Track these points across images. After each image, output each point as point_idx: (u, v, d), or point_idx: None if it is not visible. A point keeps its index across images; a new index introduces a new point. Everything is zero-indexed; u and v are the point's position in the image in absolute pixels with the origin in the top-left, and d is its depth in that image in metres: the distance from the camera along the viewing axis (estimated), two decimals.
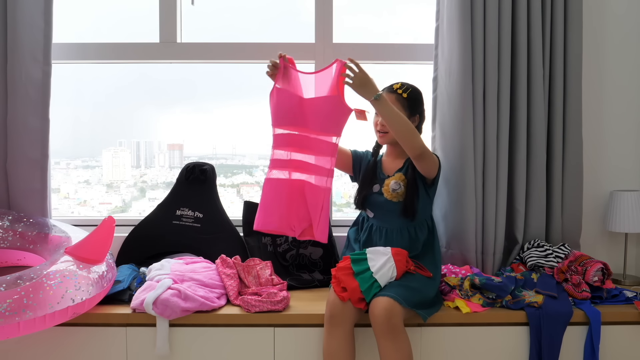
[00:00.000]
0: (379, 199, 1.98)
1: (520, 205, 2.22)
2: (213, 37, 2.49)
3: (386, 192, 1.96)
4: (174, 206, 2.29)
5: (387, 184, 1.97)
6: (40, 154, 2.22)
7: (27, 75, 2.18)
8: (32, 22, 2.18)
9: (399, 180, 1.95)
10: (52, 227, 2.12)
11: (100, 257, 1.88)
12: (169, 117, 2.70)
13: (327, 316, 1.75)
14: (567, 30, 2.20)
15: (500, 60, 2.18)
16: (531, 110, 2.21)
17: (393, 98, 1.93)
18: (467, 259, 2.21)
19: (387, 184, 1.96)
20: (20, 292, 1.58)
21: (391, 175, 1.99)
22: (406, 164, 2.00)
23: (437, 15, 2.27)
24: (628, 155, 2.41)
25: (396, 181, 1.96)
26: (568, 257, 2.13)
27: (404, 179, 1.96)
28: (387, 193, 1.96)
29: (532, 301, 1.90)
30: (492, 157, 2.19)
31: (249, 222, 2.28)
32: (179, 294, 1.83)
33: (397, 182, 1.95)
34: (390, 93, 1.95)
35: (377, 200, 1.99)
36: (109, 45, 2.43)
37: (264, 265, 2.08)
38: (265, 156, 2.77)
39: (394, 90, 1.96)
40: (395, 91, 1.95)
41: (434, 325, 1.87)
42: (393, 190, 1.95)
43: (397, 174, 1.98)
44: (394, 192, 1.95)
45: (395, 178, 1.97)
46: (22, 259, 2.09)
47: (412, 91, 1.97)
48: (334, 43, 2.42)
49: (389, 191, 1.95)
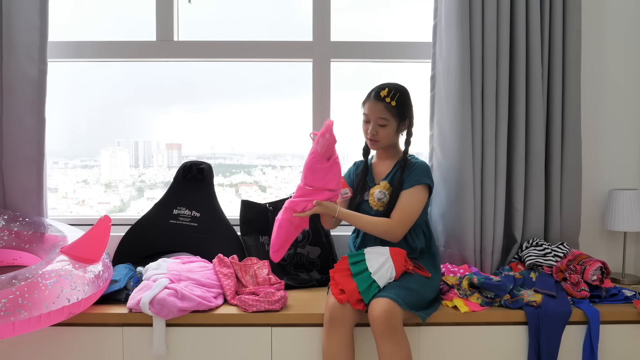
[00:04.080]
0: (369, 210, 1.96)
1: (519, 204, 2.21)
2: (210, 35, 2.47)
3: (372, 201, 1.95)
4: (171, 205, 2.28)
5: (372, 193, 1.95)
6: (37, 153, 2.21)
7: (23, 73, 2.17)
8: (27, 19, 2.17)
9: (383, 189, 1.93)
10: (48, 226, 2.11)
11: (96, 256, 1.86)
12: (167, 116, 2.69)
13: (327, 318, 1.74)
14: (565, 27, 2.19)
15: (498, 58, 2.17)
16: (530, 109, 2.20)
17: (381, 107, 1.89)
18: (465, 258, 2.20)
19: (372, 193, 1.95)
20: (16, 291, 1.57)
21: (377, 184, 1.98)
22: (394, 169, 1.97)
23: (435, 12, 2.26)
24: (627, 154, 2.40)
25: (381, 190, 1.94)
26: (567, 256, 2.12)
27: (389, 188, 1.94)
28: (373, 202, 1.94)
29: (530, 300, 1.89)
30: (490, 156, 2.18)
31: (246, 221, 2.27)
32: (176, 294, 1.82)
33: (382, 191, 1.93)
34: (378, 102, 1.89)
35: (367, 210, 1.97)
36: (105, 44, 2.42)
37: (262, 264, 2.06)
38: (264, 155, 2.78)
39: (381, 98, 1.89)
40: (382, 99, 1.89)
41: (432, 324, 1.86)
42: (378, 200, 1.93)
43: (382, 182, 1.96)
44: (379, 201, 1.93)
45: (380, 187, 1.95)
46: (17, 258, 2.07)
47: (399, 96, 1.90)
48: (332, 41, 2.41)
49: (374, 200, 1.94)
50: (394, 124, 1.91)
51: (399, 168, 1.94)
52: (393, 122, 1.91)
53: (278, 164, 2.79)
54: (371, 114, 1.92)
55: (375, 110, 1.90)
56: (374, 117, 1.91)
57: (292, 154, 2.76)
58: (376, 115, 1.90)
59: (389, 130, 1.91)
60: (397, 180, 1.92)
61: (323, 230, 2.26)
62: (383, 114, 1.89)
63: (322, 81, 2.42)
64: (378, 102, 1.90)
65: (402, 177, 1.92)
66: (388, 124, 1.90)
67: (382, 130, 1.91)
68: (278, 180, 2.78)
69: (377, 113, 1.90)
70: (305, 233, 2.26)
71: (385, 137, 1.92)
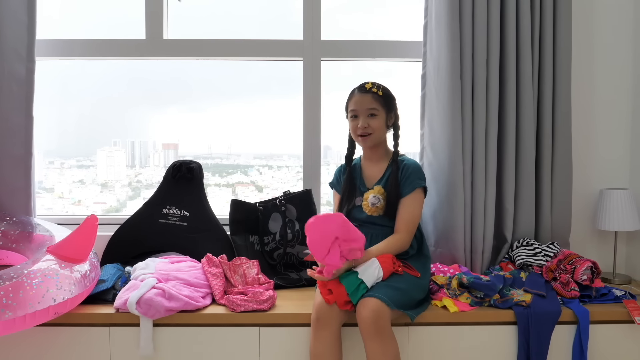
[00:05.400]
0: (361, 215, 1.96)
1: (510, 204, 2.21)
2: (202, 34, 2.46)
3: (366, 207, 1.94)
4: (161, 204, 2.26)
5: (365, 198, 1.95)
6: (24, 151, 2.19)
7: (10, 71, 2.15)
8: (15, 17, 2.15)
9: (377, 194, 1.93)
10: (36, 225, 2.09)
11: (83, 256, 1.85)
12: (163, 116, 2.68)
13: (314, 318, 1.73)
14: (556, 26, 2.19)
15: (488, 57, 2.16)
16: (520, 108, 2.19)
17: (369, 98, 1.91)
18: (455, 258, 2.19)
19: (366, 198, 1.94)
20: (0, 291, 1.55)
21: (370, 188, 1.97)
22: (387, 172, 1.97)
23: (426, 12, 2.25)
24: (618, 153, 2.40)
25: (375, 195, 1.93)
26: (557, 255, 2.11)
27: (383, 192, 1.93)
28: (367, 208, 1.94)
29: (520, 300, 1.89)
30: (480, 155, 2.17)
31: (235, 220, 2.26)
32: (163, 294, 1.81)
33: (376, 196, 1.93)
34: (365, 93, 1.92)
35: (360, 216, 1.96)
36: (94, 42, 2.40)
37: (251, 264, 2.05)
38: (261, 155, 2.76)
39: (368, 90, 1.92)
40: (369, 90, 1.92)
41: (421, 324, 1.85)
42: (372, 205, 1.93)
43: (375, 186, 1.96)
44: (373, 206, 1.93)
45: (374, 192, 1.94)
46: (4, 258, 2.05)
47: (383, 88, 1.95)
48: (322, 40, 2.40)
49: (368, 206, 1.94)
50: (383, 114, 1.92)
51: (392, 170, 1.93)
52: (382, 112, 1.91)
53: (275, 164, 2.78)
54: (359, 107, 1.92)
55: (364, 102, 1.91)
56: (362, 109, 1.91)
57: (288, 154, 2.75)
58: (365, 106, 1.91)
59: (380, 120, 1.92)
60: (392, 184, 1.91)
61: None
62: (372, 104, 1.90)
63: (313, 80, 2.41)
64: (365, 94, 1.92)
65: (396, 180, 1.91)
66: (378, 114, 1.91)
67: (373, 121, 1.91)
68: (275, 180, 2.77)
69: (366, 104, 1.91)
70: (295, 233, 2.25)
71: (377, 129, 1.92)
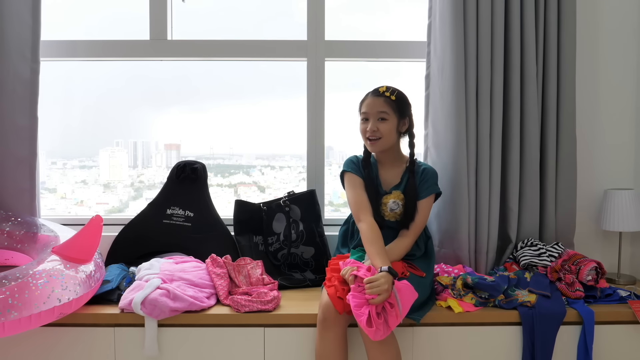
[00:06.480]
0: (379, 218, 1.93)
1: (514, 204, 2.20)
2: (207, 35, 2.46)
3: (385, 210, 1.94)
4: (165, 205, 2.26)
5: (384, 202, 1.94)
6: (29, 152, 2.20)
7: (15, 73, 2.16)
8: (19, 18, 2.16)
9: (397, 200, 1.93)
10: (41, 226, 2.09)
11: (88, 256, 1.85)
12: (165, 117, 2.68)
13: (320, 319, 1.72)
14: (560, 26, 2.18)
15: (493, 57, 2.16)
16: (524, 108, 2.19)
17: (381, 101, 1.90)
18: (460, 258, 2.19)
19: (385, 202, 1.94)
20: (5, 292, 1.55)
21: (388, 193, 1.96)
22: (404, 177, 1.97)
23: (430, 12, 2.25)
24: (622, 154, 2.39)
25: (394, 200, 1.93)
26: (562, 256, 2.11)
27: (402, 197, 1.93)
28: (386, 212, 1.94)
29: (525, 300, 1.88)
30: (485, 155, 2.17)
31: (239, 220, 2.26)
32: (168, 294, 1.81)
33: (396, 202, 1.93)
34: (377, 97, 1.91)
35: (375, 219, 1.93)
36: (99, 43, 2.41)
37: (255, 264, 2.05)
38: (263, 156, 2.76)
39: (380, 93, 1.91)
40: (382, 94, 1.90)
41: (426, 325, 1.85)
42: (391, 210, 1.93)
43: (394, 191, 1.95)
44: (391, 211, 1.93)
45: (392, 197, 1.94)
46: (9, 258, 2.06)
47: (398, 93, 1.93)
48: (326, 40, 2.40)
49: (387, 211, 1.94)
50: (394, 119, 1.90)
51: (410, 175, 1.93)
52: (393, 117, 1.90)
53: (277, 164, 2.78)
54: (370, 110, 1.91)
55: (375, 105, 1.90)
56: (373, 112, 1.90)
57: (291, 154, 2.75)
58: (375, 109, 1.90)
59: (389, 125, 1.90)
60: (411, 188, 1.92)
61: (317, 230, 2.25)
62: (383, 108, 1.89)
63: (317, 80, 2.41)
64: (377, 97, 1.91)
65: (414, 184, 1.91)
66: (388, 119, 1.90)
67: (383, 125, 1.90)
68: (277, 180, 2.77)
69: (377, 107, 1.90)
70: (300, 233, 2.25)
71: (385, 134, 1.90)
